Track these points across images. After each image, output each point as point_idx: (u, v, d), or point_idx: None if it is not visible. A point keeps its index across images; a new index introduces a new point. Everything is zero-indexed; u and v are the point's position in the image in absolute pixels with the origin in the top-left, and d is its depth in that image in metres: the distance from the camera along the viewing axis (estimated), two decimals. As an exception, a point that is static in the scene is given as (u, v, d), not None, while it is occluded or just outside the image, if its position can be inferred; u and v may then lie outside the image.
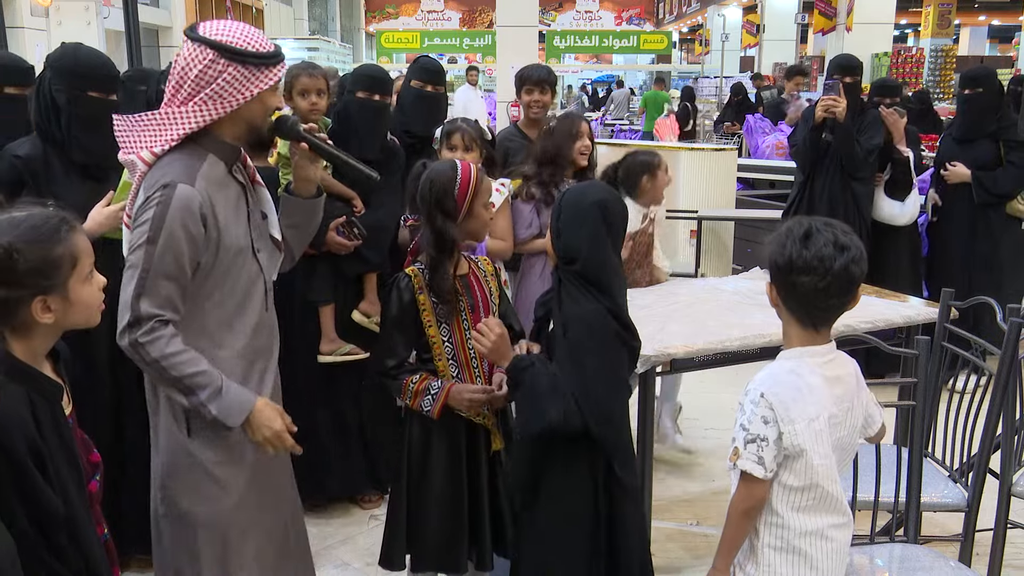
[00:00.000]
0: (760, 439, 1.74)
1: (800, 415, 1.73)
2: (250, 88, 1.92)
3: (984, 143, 4.56)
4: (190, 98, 1.90)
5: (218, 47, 1.88)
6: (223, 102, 1.91)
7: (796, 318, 1.80)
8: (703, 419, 4.32)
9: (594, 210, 2.08)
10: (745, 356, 2.83)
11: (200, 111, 1.91)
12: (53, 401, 1.61)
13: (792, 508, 1.79)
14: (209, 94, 1.90)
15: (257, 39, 1.94)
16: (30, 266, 1.53)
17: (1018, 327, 2.40)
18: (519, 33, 9.01)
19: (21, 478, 1.48)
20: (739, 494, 1.81)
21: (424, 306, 2.25)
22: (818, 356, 1.80)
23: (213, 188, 1.94)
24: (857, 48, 11.73)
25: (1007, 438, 2.54)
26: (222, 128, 1.96)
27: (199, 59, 1.89)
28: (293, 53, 15.23)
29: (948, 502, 2.56)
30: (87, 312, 1.65)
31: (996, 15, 26.21)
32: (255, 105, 1.96)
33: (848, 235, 1.74)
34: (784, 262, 1.74)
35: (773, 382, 1.76)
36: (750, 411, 1.76)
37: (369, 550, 3.05)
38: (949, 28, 17.23)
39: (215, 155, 1.97)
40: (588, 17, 25.77)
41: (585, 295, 2.05)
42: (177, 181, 1.88)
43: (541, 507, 2.13)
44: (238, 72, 1.90)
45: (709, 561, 1.90)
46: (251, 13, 16.95)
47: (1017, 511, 2.69)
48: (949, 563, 2.24)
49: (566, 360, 2.05)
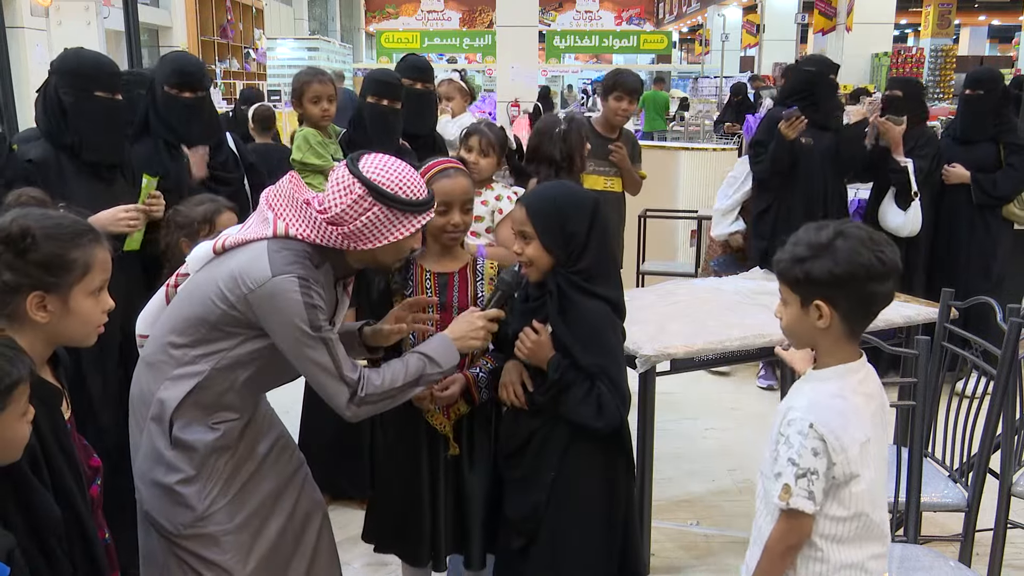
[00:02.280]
0: (811, 472, 1.61)
1: (851, 441, 1.62)
2: (393, 233, 1.90)
3: (985, 144, 4.53)
4: (335, 224, 1.88)
5: (369, 185, 1.86)
6: (362, 239, 1.89)
7: (847, 332, 1.67)
8: (702, 419, 4.31)
9: (592, 206, 2.12)
10: (745, 356, 2.83)
11: (339, 240, 1.89)
12: (52, 406, 1.61)
13: (833, 540, 1.69)
14: (351, 229, 1.87)
15: (412, 183, 1.90)
16: (40, 257, 1.53)
17: (1018, 327, 2.40)
18: (519, 33, 8.99)
19: (18, 483, 1.47)
20: (781, 531, 1.68)
21: (397, 299, 2.30)
22: (858, 374, 1.70)
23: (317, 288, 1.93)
24: (857, 48, 11.75)
25: (1007, 438, 2.54)
26: (353, 254, 1.95)
27: (351, 191, 1.86)
28: (293, 53, 15.25)
29: (948, 502, 2.56)
30: (84, 328, 1.63)
31: (996, 15, 26.20)
32: (389, 248, 1.93)
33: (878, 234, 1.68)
34: (862, 271, 1.60)
35: (821, 410, 1.63)
36: (799, 444, 1.62)
37: (370, 550, 3.05)
38: (949, 28, 17.21)
39: (331, 267, 1.96)
40: (588, 17, 25.73)
41: (585, 293, 2.07)
42: (291, 274, 1.85)
43: (557, 507, 2.13)
44: (383, 214, 1.87)
45: (709, 561, 1.90)
46: (251, 13, 16.94)
47: (1017, 511, 2.69)
48: (949, 563, 2.24)
49: (589, 361, 2.05)
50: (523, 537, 2.18)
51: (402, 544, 2.37)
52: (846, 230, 1.63)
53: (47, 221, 1.57)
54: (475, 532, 2.31)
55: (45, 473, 1.53)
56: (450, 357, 2.03)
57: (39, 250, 1.53)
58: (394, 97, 3.25)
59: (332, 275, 1.99)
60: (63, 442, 1.60)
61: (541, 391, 2.12)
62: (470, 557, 2.33)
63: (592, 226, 2.08)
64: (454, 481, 2.32)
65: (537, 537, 2.16)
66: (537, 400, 2.14)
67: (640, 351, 2.65)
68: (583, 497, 2.14)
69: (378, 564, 3.03)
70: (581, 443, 2.12)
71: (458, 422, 2.32)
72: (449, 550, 2.35)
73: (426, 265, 2.32)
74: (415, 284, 2.30)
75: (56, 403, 1.63)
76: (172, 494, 1.93)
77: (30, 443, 1.48)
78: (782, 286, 1.71)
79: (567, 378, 2.08)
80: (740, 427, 4.23)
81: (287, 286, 1.82)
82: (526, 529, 2.17)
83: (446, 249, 2.32)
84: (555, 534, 2.14)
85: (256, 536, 2.02)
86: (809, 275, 1.62)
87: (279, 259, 1.85)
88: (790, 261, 1.66)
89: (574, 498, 2.13)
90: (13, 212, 1.58)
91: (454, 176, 2.28)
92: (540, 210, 2.10)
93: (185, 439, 1.92)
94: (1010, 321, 2.44)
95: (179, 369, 1.92)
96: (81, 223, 1.63)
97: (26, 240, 1.52)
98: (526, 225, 2.09)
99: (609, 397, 2.05)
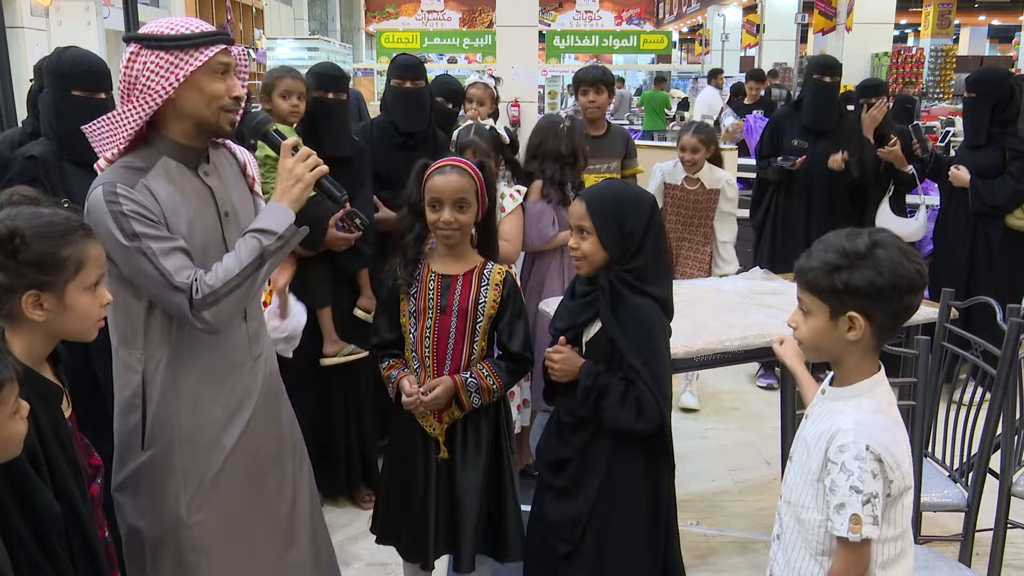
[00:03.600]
0: (873, 497, 1.52)
1: (903, 455, 1.56)
2: (175, 73, 1.81)
3: (989, 150, 4.30)
4: (128, 96, 1.84)
5: (138, 38, 1.83)
6: (152, 93, 1.83)
7: (876, 345, 1.61)
8: (703, 419, 4.32)
9: (650, 205, 2.12)
10: (745, 356, 2.83)
11: (135, 108, 1.84)
12: (53, 404, 1.61)
13: (881, 566, 1.60)
14: (141, 89, 1.82)
15: (184, 24, 1.84)
16: (31, 256, 1.53)
17: (1018, 327, 2.40)
18: (519, 33, 8.98)
19: (17, 480, 1.47)
20: (849, 563, 1.56)
21: (403, 296, 2.31)
22: (882, 385, 1.63)
23: (160, 184, 1.88)
24: (857, 48, 11.73)
25: (1007, 438, 2.54)
26: (169, 127, 1.89)
27: (128, 56, 1.83)
28: (293, 53, 15.24)
29: (948, 502, 2.56)
30: (82, 323, 1.63)
31: (996, 15, 26.19)
32: (193, 94, 1.85)
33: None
34: (904, 283, 1.53)
35: (870, 429, 1.55)
36: (858, 469, 1.51)
37: (372, 547, 3.05)
38: (949, 28, 17.23)
39: (169, 156, 1.90)
40: (588, 17, 25.72)
41: (636, 291, 2.07)
42: (98, 184, 1.83)
43: (603, 511, 2.12)
44: (160, 59, 1.81)
45: (710, 561, 1.90)
46: (251, 13, 16.92)
47: (1017, 511, 2.69)
48: (949, 563, 2.24)
49: (635, 359, 2.05)
50: (568, 544, 2.16)
51: (398, 539, 2.41)
52: (881, 239, 1.55)
53: (37, 220, 1.57)
54: (465, 534, 2.31)
55: (45, 470, 1.53)
56: (282, 218, 1.90)
57: (30, 249, 1.53)
58: (338, 90, 3.27)
59: (181, 163, 1.92)
60: (63, 440, 1.60)
61: (579, 402, 2.11)
62: (459, 558, 2.34)
63: (649, 226, 2.09)
64: (447, 483, 2.33)
65: (583, 541, 2.14)
66: (577, 412, 2.13)
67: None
68: (628, 499, 2.12)
69: (378, 565, 3.03)
70: (624, 447, 2.11)
71: (452, 426, 2.32)
72: (441, 550, 2.36)
73: (433, 265, 2.32)
74: (420, 283, 2.31)
75: (56, 401, 1.63)
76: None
77: (30, 440, 1.48)
78: (807, 296, 1.61)
79: (600, 383, 2.07)
80: (740, 427, 4.24)
81: (95, 199, 1.81)
82: (572, 536, 2.15)
83: (452, 250, 2.31)
84: (602, 538, 2.13)
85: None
86: (849, 285, 1.54)
87: (98, 180, 1.83)
88: (823, 269, 1.56)
89: (619, 501, 2.12)
90: (3, 212, 1.58)
91: (448, 173, 2.27)
92: (600, 207, 2.08)
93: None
94: (1010, 321, 2.44)
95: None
96: (72, 220, 1.62)
97: (15, 241, 1.52)
98: (584, 220, 2.08)
99: (648, 396, 2.03)
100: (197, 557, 1.97)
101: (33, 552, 1.48)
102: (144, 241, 1.80)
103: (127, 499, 1.97)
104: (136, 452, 1.94)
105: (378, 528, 2.46)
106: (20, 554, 1.46)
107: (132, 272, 1.84)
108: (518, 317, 2.32)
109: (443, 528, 2.33)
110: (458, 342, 2.29)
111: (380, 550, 2.42)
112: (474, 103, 4.37)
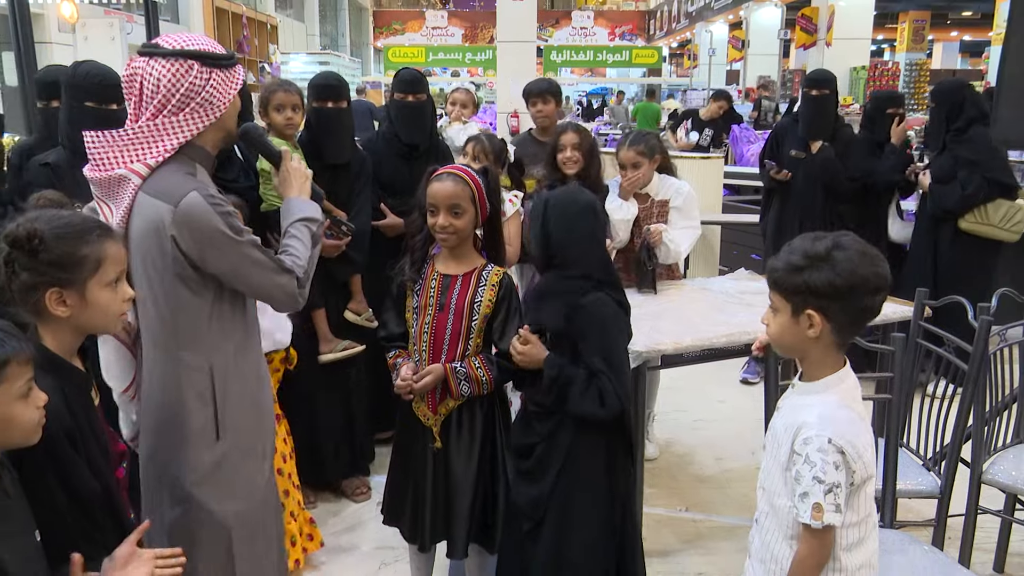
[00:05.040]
0: (835, 486, 1.53)
1: (864, 446, 1.57)
2: (231, 90, 1.88)
3: (946, 156, 4.27)
4: (180, 109, 1.83)
5: (197, 56, 1.83)
6: (213, 108, 1.86)
7: (838, 342, 1.61)
8: (691, 412, 4.32)
9: (589, 210, 2.16)
10: (730, 352, 2.84)
11: (193, 120, 1.84)
12: (83, 391, 1.63)
13: (846, 549, 1.62)
14: (200, 102, 1.84)
15: (215, 44, 1.89)
16: (51, 256, 1.55)
17: (988, 324, 2.41)
18: (518, 48, 9.01)
19: (59, 461, 1.49)
20: (812, 548, 1.58)
21: (409, 292, 2.35)
22: (847, 380, 1.64)
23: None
24: (836, 62, 11.74)
25: (978, 429, 2.55)
26: (205, 137, 1.91)
27: (182, 71, 1.81)
28: (305, 67, 15.23)
29: (922, 489, 2.56)
30: (104, 317, 1.64)
31: (967, 31, 26.21)
32: (231, 109, 1.91)
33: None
34: (861, 284, 1.54)
35: (833, 423, 1.56)
36: (820, 460, 1.53)
37: (377, 534, 3.06)
38: (923, 43, 17.27)
39: (200, 164, 1.92)
40: (583, 33, 25.71)
41: (585, 291, 2.09)
42: (190, 190, 1.82)
43: (563, 491, 2.15)
44: (220, 76, 1.86)
45: (698, 545, 1.90)
46: (266, 29, 16.93)
47: (987, 498, 2.70)
48: (923, 547, 2.24)
49: (595, 356, 2.08)
50: (530, 521, 2.20)
51: (398, 521, 2.44)
52: (842, 242, 1.56)
53: (56, 222, 1.58)
54: (458, 521, 2.32)
55: (82, 450, 1.54)
56: (313, 208, 2.08)
57: (49, 250, 1.54)
58: (336, 99, 3.24)
59: (205, 169, 1.94)
60: (94, 424, 1.62)
61: (544, 391, 2.14)
62: (452, 545, 2.34)
63: (592, 230, 2.17)
64: (443, 472, 2.33)
65: (544, 520, 2.18)
66: (543, 402, 2.16)
67: (632, 347, 2.65)
68: (586, 482, 2.16)
69: (386, 549, 3.03)
70: (585, 435, 2.14)
71: (447, 418, 2.33)
72: (438, 536, 2.37)
73: (437, 265, 2.34)
74: (424, 281, 2.33)
75: (87, 387, 1.65)
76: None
77: (68, 423, 1.50)
78: (774, 294, 1.63)
79: (564, 374, 2.10)
80: (727, 420, 4.25)
81: (195, 204, 1.78)
82: (535, 515, 2.19)
83: (454, 252, 2.32)
84: (561, 517, 2.16)
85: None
86: (808, 284, 1.55)
87: (180, 187, 1.80)
88: (786, 270, 1.58)
89: (578, 484, 2.15)
90: (23, 216, 1.60)
91: (443, 180, 2.27)
92: (537, 214, 2.18)
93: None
94: (981, 319, 2.44)
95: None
96: (90, 221, 1.64)
97: (33, 241, 1.53)
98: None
99: (609, 387, 2.07)
100: (278, 520, 2.14)
101: (83, 525, 1.51)
102: (247, 235, 1.86)
103: (209, 490, 1.93)
104: (211, 444, 1.92)
105: (385, 509, 2.49)
106: (74, 528, 1.48)
107: (234, 265, 1.85)
108: (513, 317, 2.31)
109: (440, 515, 2.34)
110: (453, 338, 2.29)
111: (386, 532, 2.41)
112: (457, 105, 4.51)
